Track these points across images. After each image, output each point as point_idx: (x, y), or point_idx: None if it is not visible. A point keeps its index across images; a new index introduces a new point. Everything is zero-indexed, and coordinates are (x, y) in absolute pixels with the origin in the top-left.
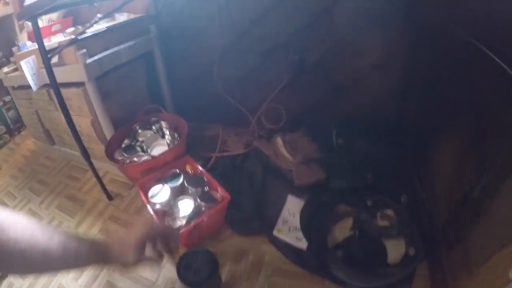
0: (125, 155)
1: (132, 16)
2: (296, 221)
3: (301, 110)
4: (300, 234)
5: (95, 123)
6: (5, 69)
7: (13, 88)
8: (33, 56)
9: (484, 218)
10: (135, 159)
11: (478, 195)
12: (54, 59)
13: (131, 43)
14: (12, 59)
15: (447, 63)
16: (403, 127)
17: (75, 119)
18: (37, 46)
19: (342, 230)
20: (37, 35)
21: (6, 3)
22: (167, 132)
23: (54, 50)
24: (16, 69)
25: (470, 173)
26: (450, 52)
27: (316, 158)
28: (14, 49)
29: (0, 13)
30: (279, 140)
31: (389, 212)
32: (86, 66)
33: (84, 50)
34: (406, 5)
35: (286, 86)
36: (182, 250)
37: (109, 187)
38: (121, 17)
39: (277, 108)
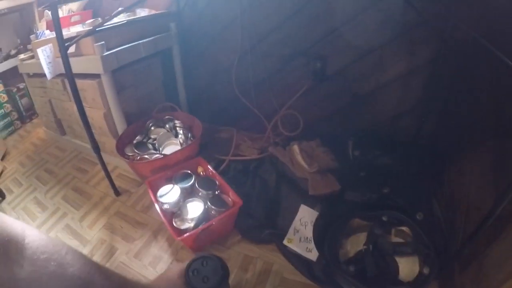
0: (136, 151)
1: (153, 12)
2: (307, 232)
3: (318, 119)
4: (310, 245)
5: (107, 116)
6: (22, 56)
7: (28, 75)
8: (50, 45)
9: (503, 238)
10: (146, 156)
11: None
12: (71, 49)
13: (150, 39)
14: (29, 46)
15: (473, 79)
16: (422, 143)
17: (88, 111)
18: (55, 36)
19: (354, 244)
20: (55, 22)
21: None
22: (180, 131)
23: (71, 40)
24: (32, 57)
25: (492, 190)
26: (477, 69)
27: (332, 168)
28: (32, 36)
29: (20, 1)
30: (296, 148)
31: (404, 228)
32: (103, 58)
33: (102, 42)
34: (435, 19)
35: (304, 93)
36: (190, 255)
37: (117, 183)
38: (142, 13)
39: (294, 115)
